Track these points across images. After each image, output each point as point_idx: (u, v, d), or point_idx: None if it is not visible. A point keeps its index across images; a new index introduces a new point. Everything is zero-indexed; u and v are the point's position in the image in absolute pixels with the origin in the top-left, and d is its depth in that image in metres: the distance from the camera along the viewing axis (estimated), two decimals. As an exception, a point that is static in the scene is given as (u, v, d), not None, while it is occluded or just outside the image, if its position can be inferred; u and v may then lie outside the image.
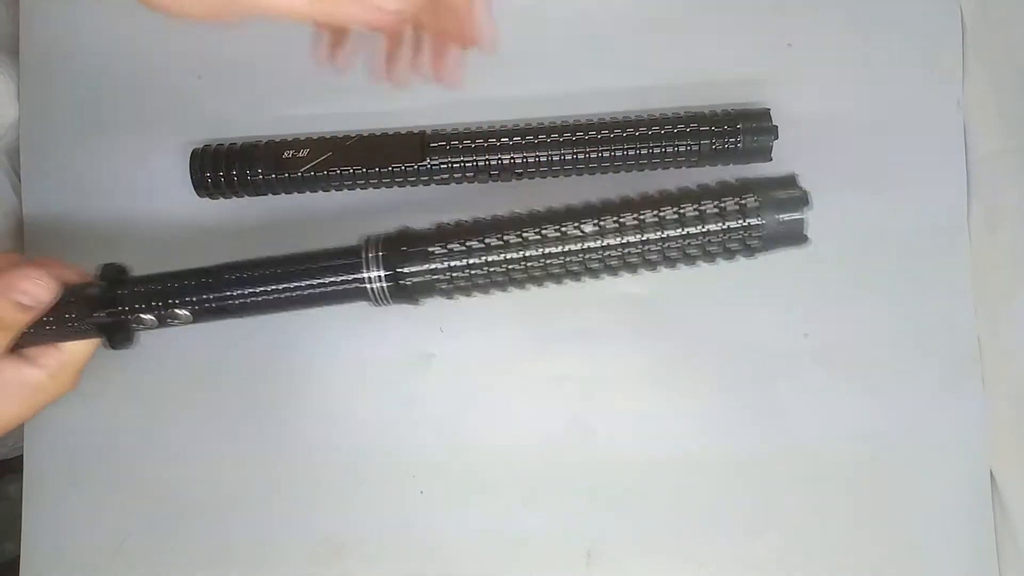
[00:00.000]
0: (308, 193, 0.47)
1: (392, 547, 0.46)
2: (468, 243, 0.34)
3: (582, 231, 0.33)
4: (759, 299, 0.45)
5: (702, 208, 0.32)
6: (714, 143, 0.42)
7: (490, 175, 0.45)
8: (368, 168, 0.45)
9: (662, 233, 0.32)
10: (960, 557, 0.44)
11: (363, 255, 0.35)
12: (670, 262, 0.33)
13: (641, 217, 0.32)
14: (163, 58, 0.49)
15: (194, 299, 0.36)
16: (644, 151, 0.43)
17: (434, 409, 0.47)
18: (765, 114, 0.43)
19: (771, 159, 0.43)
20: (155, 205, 0.48)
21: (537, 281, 0.34)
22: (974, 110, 0.44)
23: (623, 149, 0.43)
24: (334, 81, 0.48)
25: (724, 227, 0.32)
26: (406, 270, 0.34)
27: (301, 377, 0.47)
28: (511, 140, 0.43)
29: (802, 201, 0.32)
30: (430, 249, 0.34)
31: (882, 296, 0.45)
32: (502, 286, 0.35)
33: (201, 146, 0.46)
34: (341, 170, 0.45)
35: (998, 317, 0.44)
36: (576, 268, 0.33)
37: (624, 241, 0.32)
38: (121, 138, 0.49)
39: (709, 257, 0.33)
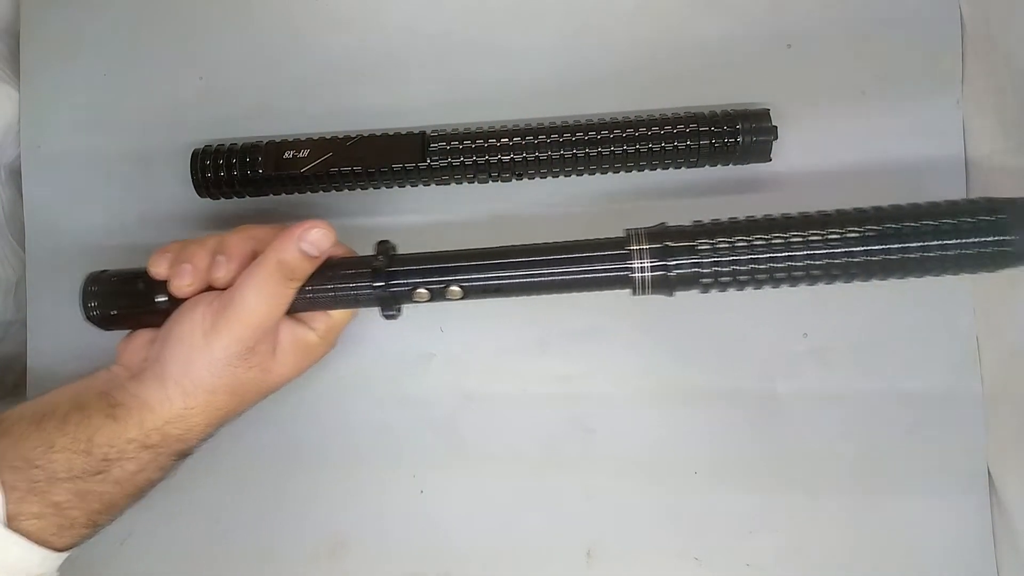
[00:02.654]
0: (308, 193, 0.47)
1: (392, 547, 0.46)
2: (734, 241, 0.35)
3: (846, 238, 0.34)
4: (759, 299, 0.45)
5: (956, 223, 0.34)
6: (714, 143, 0.42)
7: (490, 175, 0.45)
8: (368, 168, 0.45)
9: (920, 242, 0.34)
10: (958, 557, 0.44)
11: (632, 246, 0.36)
12: (920, 271, 0.35)
13: (906, 225, 0.34)
14: (164, 59, 0.49)
15: (468, 277, 0.38)
16: (644, 151, 0.43)
17: (434, 409, 0.47)
18: (765, 114, 0.43)
19: (770, 159, 0.43)
20: (155, 205, 0.48)
21: (796, 281, 0.36)
22: (974, 110, 0.44)
23: (623, 149, 0.43)
24: (334, 81, 0.48)
25: (973, 241, 0.34)
26: (672, 263, 0.36)
27: (301, 376, 0.47)
28: (511, 140, 0.43)
29: None
30: (697, 245, 0.35)
31: (882, 296, 0.45)
32: (760, 284, 0.36)
33: (201, 146, 0.46)
34: (341, 170, 0.45)
35: (998, 317, 0.44)
36: (836, 272, 0.35)
37: (887, 247, 0.34)
38: (121, 138, 0.49)
39: (949, 270, 0.35)
